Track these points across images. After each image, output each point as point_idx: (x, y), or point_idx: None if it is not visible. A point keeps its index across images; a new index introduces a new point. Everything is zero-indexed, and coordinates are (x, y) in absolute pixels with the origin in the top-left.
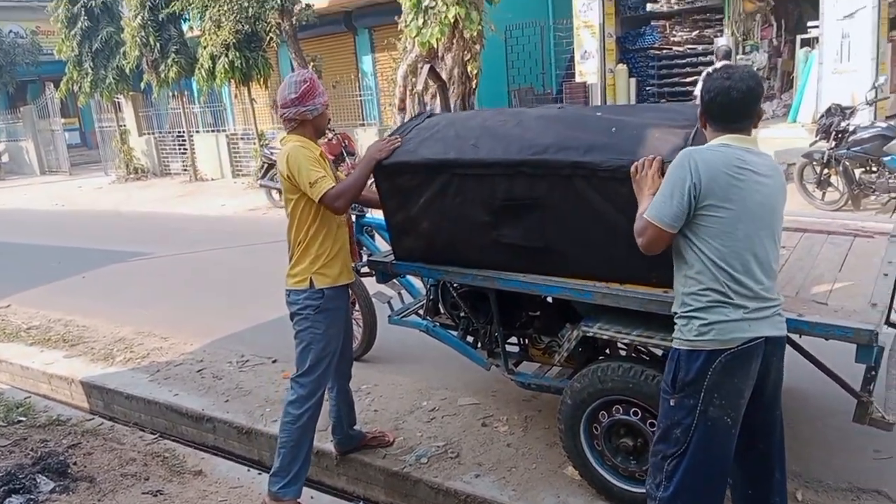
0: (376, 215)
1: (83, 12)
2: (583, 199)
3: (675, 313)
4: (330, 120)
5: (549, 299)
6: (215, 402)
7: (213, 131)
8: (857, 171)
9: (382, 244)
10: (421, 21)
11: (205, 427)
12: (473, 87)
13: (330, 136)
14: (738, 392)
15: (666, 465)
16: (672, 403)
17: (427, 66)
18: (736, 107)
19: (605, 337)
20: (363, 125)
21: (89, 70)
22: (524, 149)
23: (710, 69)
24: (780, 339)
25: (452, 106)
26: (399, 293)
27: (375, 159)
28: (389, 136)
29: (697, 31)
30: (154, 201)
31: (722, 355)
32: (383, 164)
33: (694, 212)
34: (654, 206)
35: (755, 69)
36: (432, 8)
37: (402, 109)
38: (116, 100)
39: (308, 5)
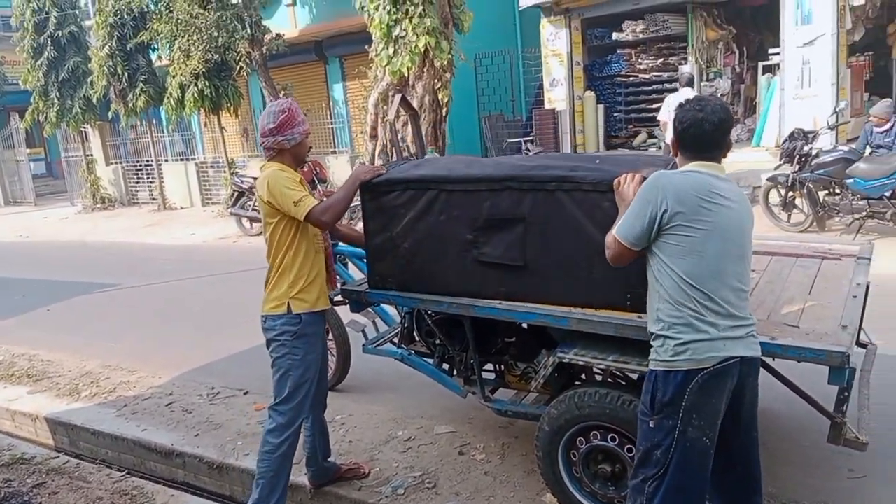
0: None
1: (49, 42)
2: (565, 214)
3: (652, 333)
4: (311, 148)
5: (525, 325)
6: (185, 436)
7: (182, 160)
8: (821, 194)
9: (356, 272)
10: (391, 50)
11: (174, 463)
12: (444, 114)
13: None
14: (715, 412)
15: (647, 488)
16: (651, 425)
17: (399, 96)
18: (708, 137)
19: (580, 363)
20: (335, 152)
21: (56, 100)
22: (512, 168)
23: (672, 96)
24: (755, 360)
25: (424, 133)
26: (373, 321)
27: (361, 179)
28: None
29: (662, 59)
30: (121, 231)
31: (699, 375)
32: (373, 181)
33: (663, 232)
34: (622, 224)
35: (719, 95)
36: (402, 37)
37: (374, 137)
38: (83, 129)
39: (278, 35)
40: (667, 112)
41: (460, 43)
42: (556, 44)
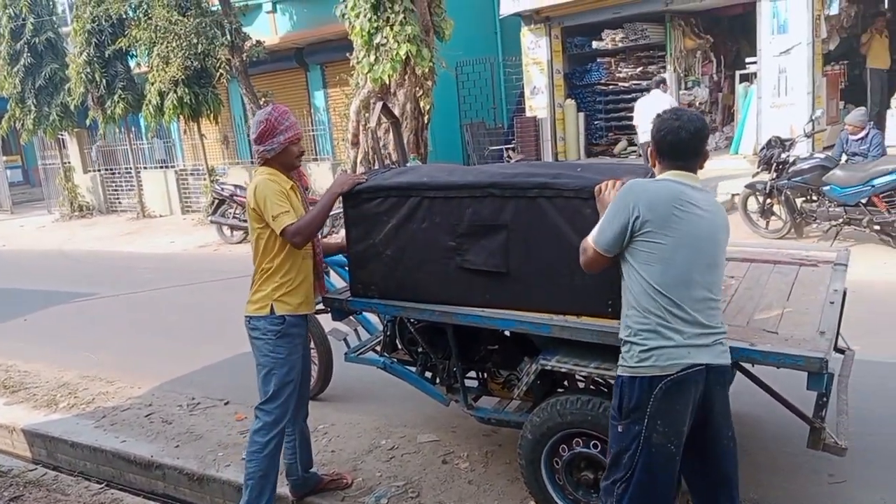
0: None
1: (26, 49)
2: (547, 221)
3: (621, 339)
4: (302, 153)
5: (508, 333)
6: (165, 447)
7: (161, 167)
8: (799, 201)
9: (337, 281)
10: (373, 58)
11: (154, 474)
12: (426, 122)
13: None
14: (680, 419)
15: (616, 490)
16: (620, 430)
17: (380, 103)
18: (684, 145)
19: (563, 370)
20: (316, 160)
21: (32, 107)
22: (495, 175)
23: (642, 99)
24: (723, 368)
25: (406, 141)
26: (355, 330)
27: (336, 193)
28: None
29: (641, 68)
30: (100, 239)
31: (662, 382)
32: (356, 189)
33: (634, 238)
34: (596, 230)
35: (698, 103)
36: (384, 45)
37: (356, 144)
38: (60, 136)
39: (258, 42)
40: (638, 116)
41: (441, 51)
42: (537, 52)
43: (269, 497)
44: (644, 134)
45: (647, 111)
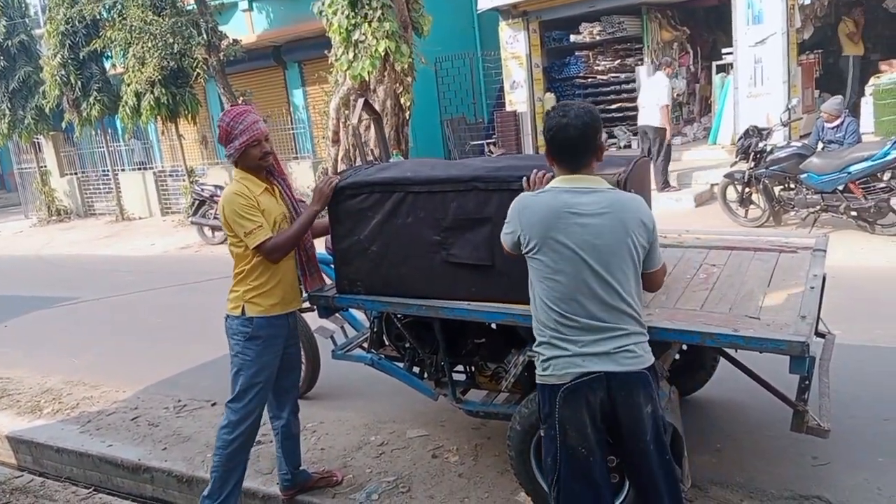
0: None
1: None
2: None
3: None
4: (266, 154)
5: (494, 326)
6: (152, 450)
7: (139, 169)
8: (777, 189)
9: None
10: (351, 55)
11: (142, 478)
12: (407, 118)
13: None
14: (582, 425)
15: (552, 492)
16: (542, 434)
17: (362, 100)
18: (574, 142)
19: None
20: (297, 158)
21: (6, 111)
22: (478, 169)
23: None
24: (627, 374)
25: (387, 137)
26: (342, 327)
27: (316, 210)
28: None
29: (619, 60)
30: (79, 243)
31: (561, 390)
32: (339, 185)
33: (526, 255)
34: (504, 228)
35: (675, 95)
36: (362, 42)
37: (336, 142)
38: (36, 140)
39: (235, 40)
40: (639, 98)
41: (420, 47)
42: (515, 46)
43: (231, 489)
44: (641, 117)
45: (644, 94)
